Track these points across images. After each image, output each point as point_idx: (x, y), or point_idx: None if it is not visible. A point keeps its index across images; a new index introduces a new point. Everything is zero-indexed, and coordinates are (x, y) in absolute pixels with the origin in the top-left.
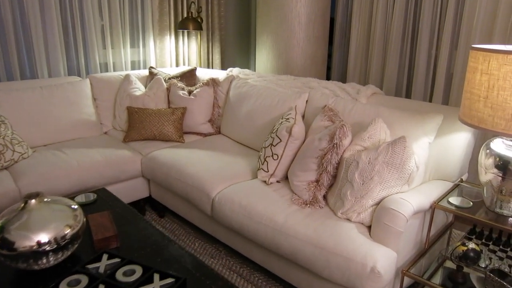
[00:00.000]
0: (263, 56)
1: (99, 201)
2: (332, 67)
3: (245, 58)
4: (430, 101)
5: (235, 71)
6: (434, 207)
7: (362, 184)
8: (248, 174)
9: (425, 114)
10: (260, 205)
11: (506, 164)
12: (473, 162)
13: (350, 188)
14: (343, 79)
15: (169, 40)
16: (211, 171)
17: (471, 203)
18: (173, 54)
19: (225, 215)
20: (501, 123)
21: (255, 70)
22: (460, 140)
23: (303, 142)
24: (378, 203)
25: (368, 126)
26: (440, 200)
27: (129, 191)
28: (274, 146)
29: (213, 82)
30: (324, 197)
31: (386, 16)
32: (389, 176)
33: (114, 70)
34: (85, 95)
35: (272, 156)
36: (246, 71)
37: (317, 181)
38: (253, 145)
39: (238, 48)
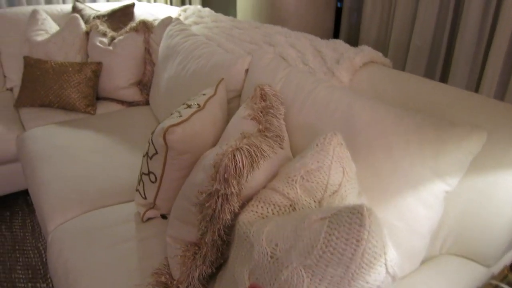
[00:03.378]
0: None
1: None
2: (343, 10)
3: None
4: (480, 78)
5: (190, 10)
6: None
7: None
8: (131, 191)
9: (445, 129)
10: (88, 278)
11: None
12: None
13: None
14: (356, 25)
15: None
16: (73, 180)
17: None
18: None
19: (50, 269)
20: None
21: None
22: None
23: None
24: None
25: (309, 152)
26: None
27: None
28: (150, 159)
29: (144, 27)
30: (212, 277)
31: None
32: None
33: (47, 3)
34: None
35: (149, 175)
36: (205, 11)
37: (198, 246)
38: None
39: None
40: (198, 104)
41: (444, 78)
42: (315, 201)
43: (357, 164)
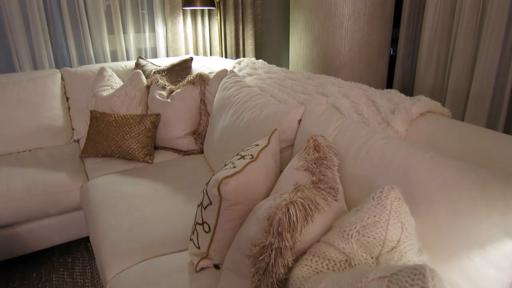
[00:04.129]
0: (295, 42)
1: None
2: (397, 58)
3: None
4: None
5: (244, 62)
6: None
7: None
8: (185, 239)
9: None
10: None
11: None
12: None
13: None
14: (410, 72)
15: (182, 22)
16: (130, 229)
17: None
18: (190, 39)
19: None
20: None
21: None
22: None
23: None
24: None
25: (365, 206)
26: None
27: (63, 228)
28: (205, 209)
29: (201, 80)
30: None
31: None
32: None
33: (113, 60)
34: (50, 93)
35: (203, 225)
36: (259, 62)
37: None
38: None
39: (281, 31)
40: (251, 155)
41: (508, 127)
42: (372, 257)
43: (416, 219)
